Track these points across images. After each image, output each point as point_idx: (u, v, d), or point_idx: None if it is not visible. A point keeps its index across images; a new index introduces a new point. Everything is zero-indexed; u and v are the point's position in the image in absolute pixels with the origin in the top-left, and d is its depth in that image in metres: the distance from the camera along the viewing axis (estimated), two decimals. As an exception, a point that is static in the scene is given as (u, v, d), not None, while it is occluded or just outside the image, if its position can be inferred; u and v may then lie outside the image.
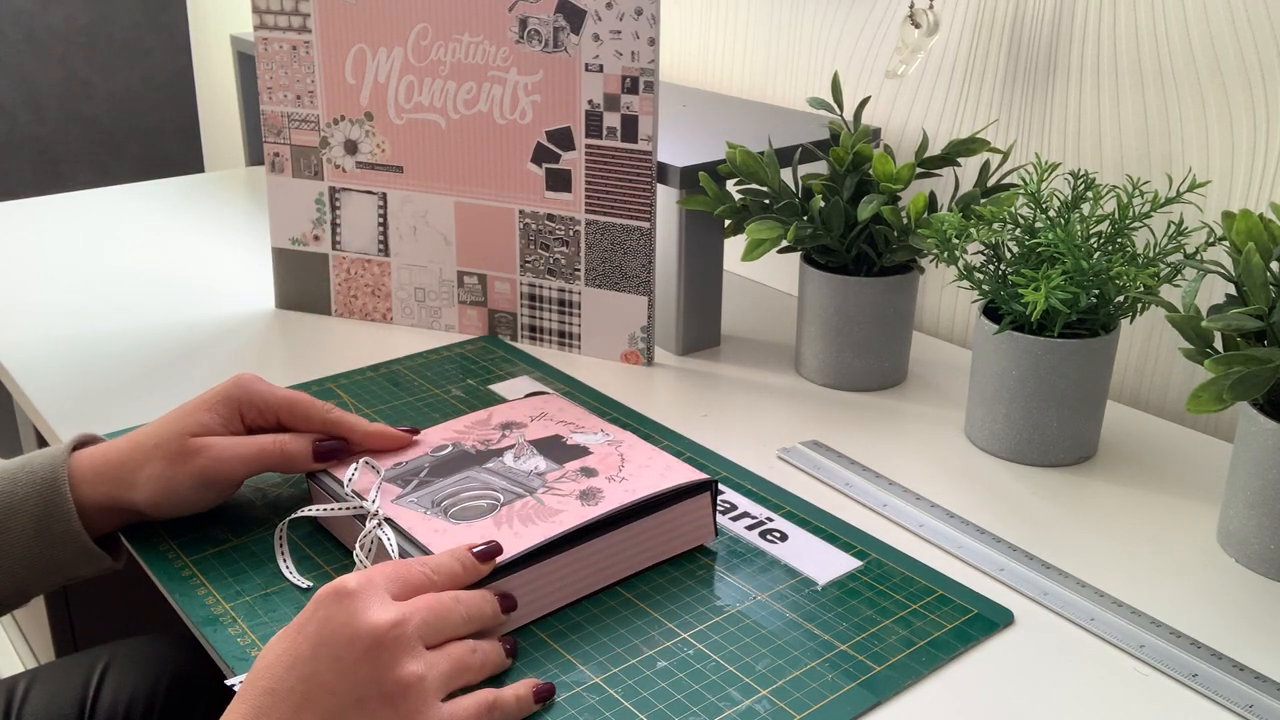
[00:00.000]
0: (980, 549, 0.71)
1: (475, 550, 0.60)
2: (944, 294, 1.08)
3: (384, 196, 1.00)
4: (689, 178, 0.92)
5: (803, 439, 0.85)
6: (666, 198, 0.95)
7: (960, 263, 0.80)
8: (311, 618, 0.52)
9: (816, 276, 0.90)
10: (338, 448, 0.70)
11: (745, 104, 1.15)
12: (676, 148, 0.97)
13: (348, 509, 0.67)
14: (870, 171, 0.89)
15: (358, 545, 0.64)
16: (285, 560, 0.67)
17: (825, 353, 0.92)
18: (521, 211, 0.96)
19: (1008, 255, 0.82)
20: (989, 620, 0.64)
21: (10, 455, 1.42)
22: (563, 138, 0.93)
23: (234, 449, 0.68)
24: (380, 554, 0.64)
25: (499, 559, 0.60)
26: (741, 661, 0.60)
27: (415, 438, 0.73)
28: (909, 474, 0.80)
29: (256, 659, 0.53)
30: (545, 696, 0.57)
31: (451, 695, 0.54)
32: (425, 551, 0.62)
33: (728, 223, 0.95)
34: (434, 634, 0.54)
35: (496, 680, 0.58)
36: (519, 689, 0.56)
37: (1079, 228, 0.77)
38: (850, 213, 0.88)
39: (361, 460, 0.70)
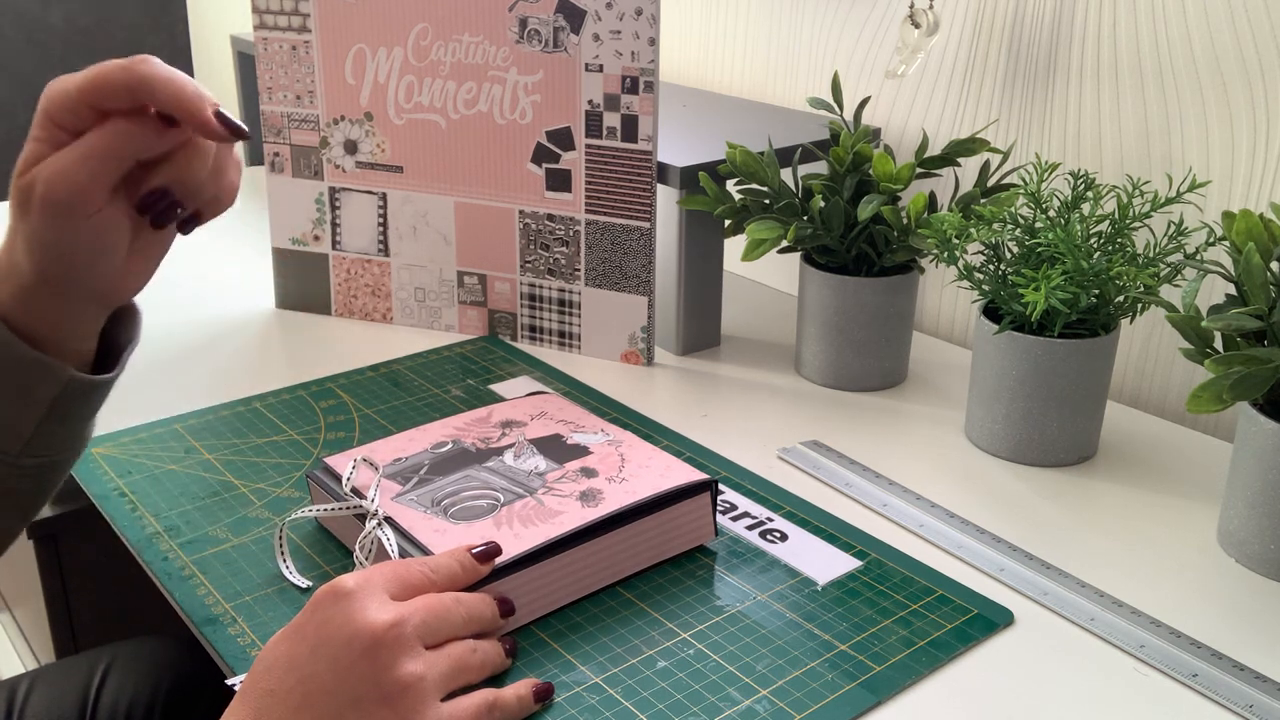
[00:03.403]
0: (980, 549, 0.71)
1: (474, 551, 0.60)
2: (944, 294, 1.08)
3: (384, 196, 1.00)
4: (689, 178, 0.92)
5: (803, 439, 0.85)
6: (666, 198, 0.95)
7: (960, 263, 0.80)
8: (310, 619, 0.52)
9: (816, 276, 0.90)
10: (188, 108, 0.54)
11: (745, 104, 1.15)
12: (676, 148, 0.96)
13: (348, 509, 0.67)
14: (870, 171, 0.89)
15: (358, 545, 0.64)
16: (285, 560, 0.67)
17: (825, 353, 0.92)
18: (521, 211, 0.96)
19: (1008, 255, 0.82)
20: (989, 620, 0.64)
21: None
22: (563, 138, 0.93)
23: (62, 157, 0.54)
24: (380, 554, 0.64)
25: (498, 560, 0.60)
26: (741, 661, 0.60)
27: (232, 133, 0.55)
28: (909, 474, 0.80)
29: (255, 660, 0.53)
30: (545, 696, 0.57)
31: (451, 695, 0.54)
32: (426, 552, 0.62)
33: (728, 223, 0.95)
34: (433, 634, 0.54)
35: (496, 680, 0.58)
36: (519, 689, 0.56)
37: (1079, 228, 0.77)
38: (850, 213, 0.88)
39: (359, 457, 0.70)
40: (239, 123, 0.55)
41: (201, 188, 0.57)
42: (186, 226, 0.59)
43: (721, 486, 0.77)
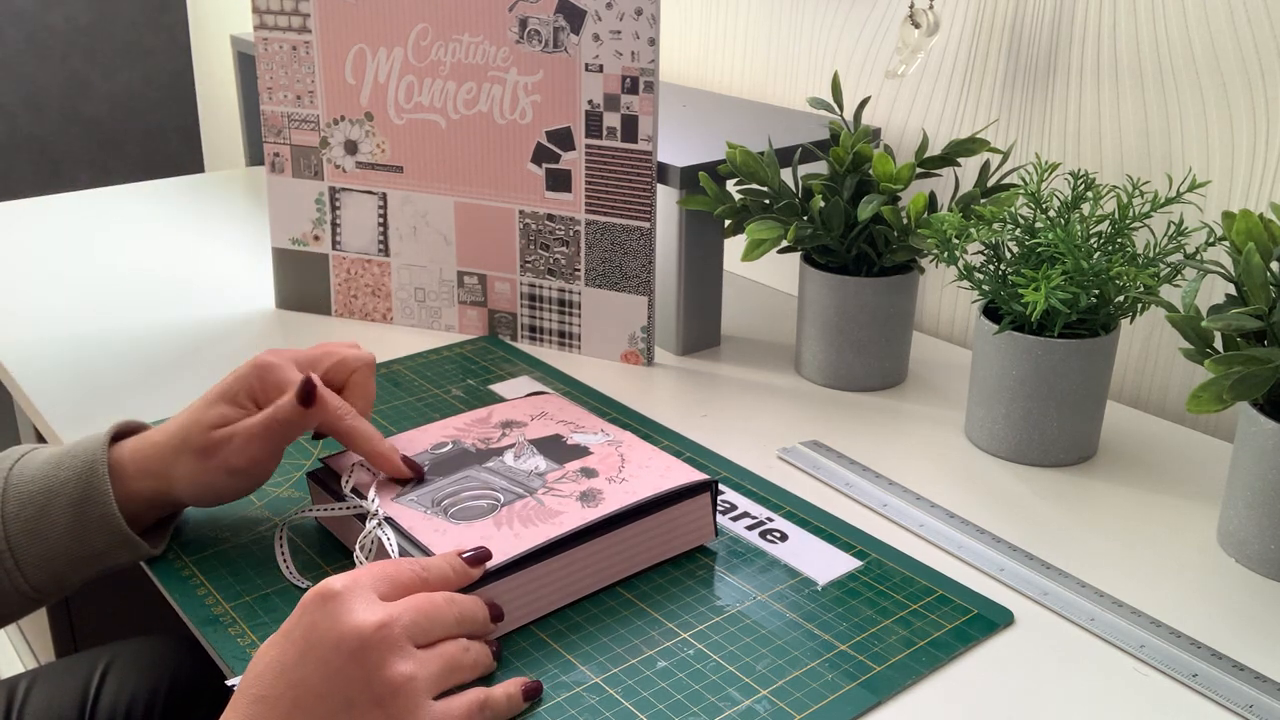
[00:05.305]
0: (980, 549, 0.71)
1: (464, 555, 0.60)
2: (944, 294, 1.08)
3: (384, 196, 1.00)
4: (689, 178, 0.92)
5: (803, 439, 0.85)
6: (666, 198, 0.95)
7: (960, 263, 0.80)
8: (298, 623, 0.52)
9: (816, 276, 0.90)
10: (313, 390, 0.66)
11: (745, 104, 1.15)
12: (676, 148, 0.97)
13: (348, 509, 0.67)
14: (870, 171, 0.89)
15: (358, 545, 0.64)
16: (285, 560, 0.67)
17: (825, 353, 0.92)
18: (521, 211, 0.96)
19: (1008, 255, 0.82)
20: (989, 620, 0.64)
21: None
22: (563, 138, 0.93)
23: (246, 432, 0.66)
24: (380, 554, 0.64)
25: (495, 561, 0.60)
26: (741, 661, 0.60)
27: (415, 475, 0.69)
28: (909, 474, 0.80)
29: (248, 665, 0.53)
30: (534, 695, 0.57)
31: (442, 695, 0.54)
32: (426, 552, 0.62)
33: (728, 223, 0.95)
34: (424, 634, 0.54)
35: (485, 682, 0.58)
36: (509, 687, 0.56)
37: (1079, 228, 0.77)
38: (850, 213, 0.88)
39: (358, 459, 0.70)
40: (421, 466, 0.70)
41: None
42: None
43: (721, 486, 0.77)
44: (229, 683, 0.58)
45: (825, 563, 0.69)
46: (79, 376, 0.92)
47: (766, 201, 0.91)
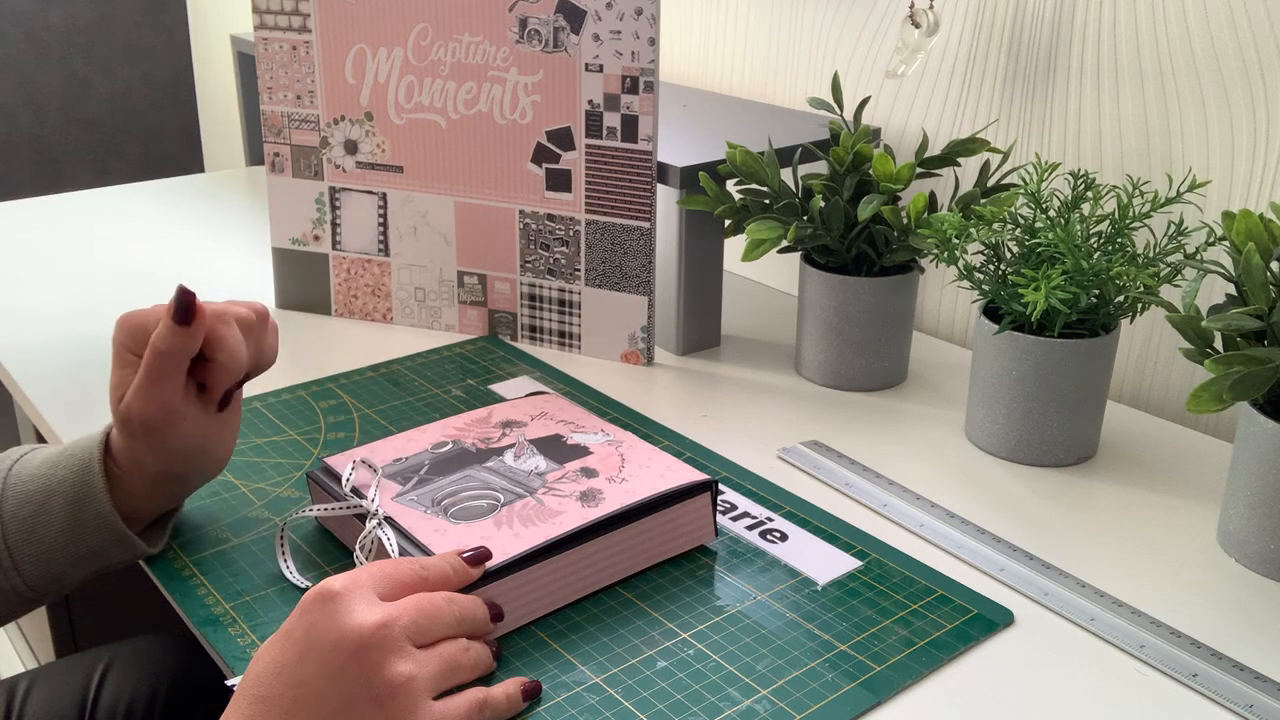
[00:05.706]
0: (980, 549, 0.71)
1: (464, 555, 0.60)
2: (944, 294, 1.08)
3: (384, 196, 1.00)
4: (689, 178, 0.92)
5: (803, 439, 0.85)
6: (666, 198, 0.95)
7: (960, 263, 0.80)
8: (298, 622, 0.52)
9: (816, 276, 0.90)
10: (190, 303, 0.62)
11: (745, 104, 1.15)
12: (676, 148, 0.97)
13: (348, 509, 0.67)
14: (870, 171, 0.89)
15: (358, 545, 0.64)
16: (285, 560, 0.67)
17: (825, 353, 0.92)
18: (521, 211, 0.96)
19: (1008, 255, 0.82)
20: (989, 620, 0.64)
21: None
22: (563, 138, 0.93)
23: (135, 383, 0.63)
24: (380, 554, 0.64)
25: (494, 561, 0.60)
26: (741, 661, 0.60)
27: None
28: (909, 474, 0.80)
29: (248, 666, 0.53)
30: (533, 694, 0.57)
31: (442, 695, 0.54)
32: (426, 552, 0.62)
33: (728, 223, 0.95)
34: (423, 634, 0.54)
35: (485, 682, 0.58)
36: (508, 687, 0.56)
37: (1079, 228, 0.77)
38: (850, 213, 0.88)
39: (359, 457, 0.70)
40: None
41: (251, 362, 0.67)
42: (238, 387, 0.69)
43: (721, 486, 0.77)
44: (229, 683, 0.58)
45: (825, 563, 0.69)
46: (79, 376, 0.92)
47: (766, 201, 0.91)
